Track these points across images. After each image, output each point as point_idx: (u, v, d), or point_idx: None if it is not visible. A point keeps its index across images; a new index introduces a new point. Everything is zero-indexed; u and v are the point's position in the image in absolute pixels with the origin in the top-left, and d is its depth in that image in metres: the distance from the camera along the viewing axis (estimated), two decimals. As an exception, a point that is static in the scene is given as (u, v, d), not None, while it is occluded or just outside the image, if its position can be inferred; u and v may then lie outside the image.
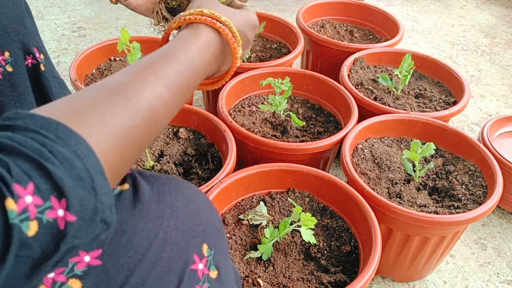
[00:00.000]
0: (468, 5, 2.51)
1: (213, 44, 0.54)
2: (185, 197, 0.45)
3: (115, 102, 0.38)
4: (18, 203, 0.29)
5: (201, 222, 0.45)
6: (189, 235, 0.44)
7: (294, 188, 0.99)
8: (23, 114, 0.32)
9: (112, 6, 2.19)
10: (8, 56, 0.75)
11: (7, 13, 0.74)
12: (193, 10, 0.55)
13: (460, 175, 1.05)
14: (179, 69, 0.47)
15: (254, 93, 1.27)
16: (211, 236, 0.46)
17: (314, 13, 1.65)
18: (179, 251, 0.42)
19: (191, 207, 0.45)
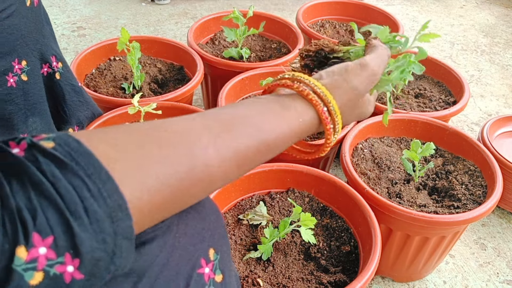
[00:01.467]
0: (468, 5, 2.51)
1: (305, 120, 0.47)
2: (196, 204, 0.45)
3: (172, 155, 0.36)
4: (30, 252, 0.28)
5: (208, 227, 0.46)
6: (197, 239, 0.44)
7: (294, 188, 0.99)
8: (82, 150, 0.31)
9: (112, 6, 2.19)
10: (25, 65, 0.75)
11: (26, 22, 0.74)
12: (307, 78, 0.48)
13: (460, 175, 1.05)
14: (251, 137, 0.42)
15: (254, 93, 1.27)
16: (217, 240, 0.47)
17: (314, 12, 1.65)
18: (187, 256, 0.43)
19: (200, 212, 0.45)
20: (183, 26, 2.07)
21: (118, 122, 1.06)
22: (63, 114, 0.90)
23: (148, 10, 2.19)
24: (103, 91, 1.19)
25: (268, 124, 0.43)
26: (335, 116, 0.48)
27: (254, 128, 0.42)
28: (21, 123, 0.74)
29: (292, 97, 0.47)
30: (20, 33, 0.72)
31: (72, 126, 0.93)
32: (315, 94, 0.47)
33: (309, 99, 0.47)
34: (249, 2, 2.34)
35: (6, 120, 0.72)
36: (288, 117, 0.45)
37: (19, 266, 0.28)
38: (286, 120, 0.45)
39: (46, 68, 0.83)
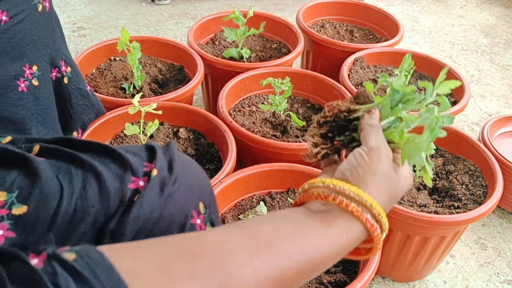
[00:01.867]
0: (468, 5, 2.51)
1: (349, 236, 0.43)
2: (183, 164, 0.50)
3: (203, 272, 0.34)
4: None
5: (197, 184, 0.50)
6: (188, 194, 0.48)
7: (294, 188, 0.99)
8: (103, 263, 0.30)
9: (112, 6, 2.20)
10: (36, 70, 0.75)
11: (37, 27, 0.74)
12: (340, 186, 0.44)
13: (460, 175, 1.05)
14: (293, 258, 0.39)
15: (254, 93, 1.27)
16: (205, 196, 0.51)
17: (314, 13, 1.65)
18: (180, 208, 0.46)
19: (188, 171, 0.50)
20: (184, 26, 2.07)
21: (118, 122, 1.06)
22: (68, 118, 0.90)
23: (149, 10, 2.19)
24: (104, 91, 1.19)
25: (311, 245, 0.40)
26: (380, 218, 0.44)
27: (296, 248, 0.39)
28: (33, 128, 0.74)
29: (331, 211, 0.44)
30: (31, 38, 0.72)
31: (76, 129, 0.94)
32: (354, 203, 0.43)
33: (350, 211, 0.43)
34: (249, 2, 2.34)
35: (19, 124, 0.72)
36: (331, 236, 0.42)
37: None
38: (329, 239, 0.42)
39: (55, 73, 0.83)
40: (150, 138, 1.08)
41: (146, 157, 0.49)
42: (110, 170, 0.45)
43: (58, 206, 0.41)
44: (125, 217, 0.43)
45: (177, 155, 0.50)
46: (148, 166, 0.47)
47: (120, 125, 1.06)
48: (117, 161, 0.46)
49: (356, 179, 0.45)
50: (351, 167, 0.46)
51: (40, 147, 0.46)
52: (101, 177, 0.43)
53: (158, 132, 1.10)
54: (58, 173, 0.43)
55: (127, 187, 0.45)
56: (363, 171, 0.45)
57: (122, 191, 0.44)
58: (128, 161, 0.46)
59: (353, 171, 0.46)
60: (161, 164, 0.47)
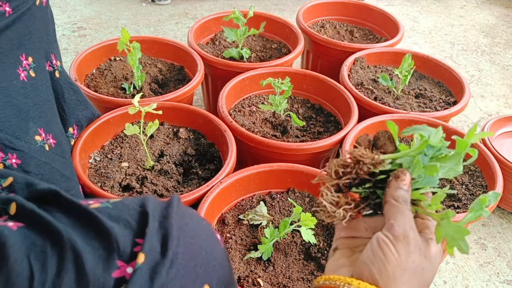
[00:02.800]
0: (468, 5, 2.51)
1: None
2: (187, 237, 0.42)
3: None
4: None
5: (202, 263, 0.42)
6: (189, 280, 0.41)
7: (294, 188, 0.99)
8: None
9: (113, 6, 2.20)
10: (32, 61, 0.75)
11: (34, 20, 0.75)
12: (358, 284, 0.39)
13: (460, 175, 1.05)
14: None
15: (254, 93, 1.27)
16: (212, 274, 0.43)
17: (314, 13, 1.65)
18: None
19: (192, 246, 0.42)
20: (184, 27, 2.07)
21: (118, 122, 1.06)
22: (62, 113, 0.90)
23: (149, 10, 2.19)
24: (104, 91, 1.20)
25: None
26: None
27: None
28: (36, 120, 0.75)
29: None
30: (28, 30, 0.73)
31: (71, 125, 0.93)
32: None
33: None
34: (249, 2, 2.34)
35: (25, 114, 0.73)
36: None
37: None
38: None
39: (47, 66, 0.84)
40: (150, 138, 1.08)
41: (138, 228, 0.41)
42: (93, 250, 0.38)
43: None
44: None
45: (177, 223, 0.42)
46: (140, 242, 0.40)
47: (120, 125, 1.07)
48: (101, 237, 0.39)
49: (385, 280, 0.39)
50: (378, 262, 0.40)
51: (17, 207, 0.41)
52: (80, 261, 0.37)
53: (158, 132, 1.10)
54: (30, 253, 0.37)
55: (110, 276, 0.37)
56: (391, 268, 0.39)
57: (104, 281, 0.37)
58: (116, 239, 0.39)
59: (382, 269, 0.39)
60: (151, 245, 0.40)
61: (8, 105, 0.68)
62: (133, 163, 1.01)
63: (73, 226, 0.40)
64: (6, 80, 0.69)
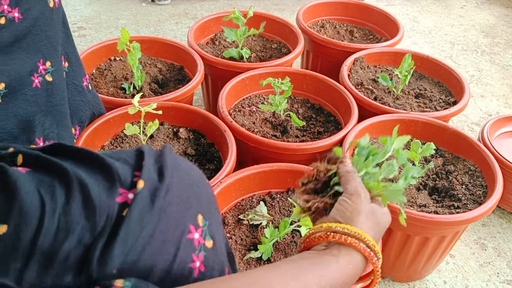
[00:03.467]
0: (468, 5, 2.51)
1: (354, 264, 0.50)
2: (180, 172, 0.47)
3: None
4: None
5: (195, 194, 0.48)
6: (184, 207, 0.46)
7: (294, 188, 0.99)
8: None
9: (113, 6, 2.20)
10: (50, 65, 0.75)
11: (51, 23, 0.74)
12: (335, 226, 0.52)
13: (460, 175, 1.05)
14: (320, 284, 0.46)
15: (254, 93, 1.27)
16: (205, 207, 0.49)
17: (314, 13, 1.65)
18: (175, 223, 0.44)
19: (185, 180, 0.47)
20: (184, 26, 2.07)
21: (118, 122, 1.06)
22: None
23: (149, 11, 2.19)
24: (104, 91, 1.20)
25: (329, 272, 0.48)
26: (373, 247, 0.51)
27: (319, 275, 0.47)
28: (39, 125, 0.74)
29: (334, 247, 0.51)
30: (45, 34, 0.72)
31: (74, 126, 0.93)
32: (351, 237, 0.51)
33: (349, 244, 0.50)
34: (249, 2, 2.34)
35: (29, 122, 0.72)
36: (341, 265, 0.49)
37: None
38: (340, 268, 0.49)
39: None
40: (150, 138, 1.08)
41: (136, 163, 0.46)
42: (97, 181, 0.43)
43: (40, 224, 0.39)
44: (112, 237, 0.41)
45: (171, 161, 0.48)
46: (138, 174, 0.45)
47: (120, 125, 1.07)
48: (104, 172, 0.44)
49: (346, 219, 0.53)
50: (339, 211, 0.54)
51: (24, 157, 0.44)
52: (86, 189, 0.41)
53: (158, 132, 1.10)
54: (40, 187, 0.41)
55: (114, 201, 0.42)
56: (349, 212, 0.53)
57: (109, 205, 0.42)
58: (117, 172, 0.44)
59: (342, 214, 0.53)
60: (149, 174, 0.45)
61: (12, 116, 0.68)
62: (133, 163, 1.01)
63: (77, 165, 0.44)
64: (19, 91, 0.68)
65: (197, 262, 0.46)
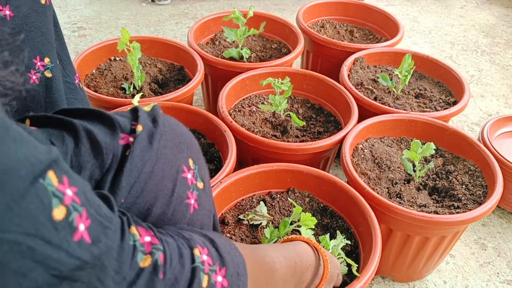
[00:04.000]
0: (468, 5, 2.51)
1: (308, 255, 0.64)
2: (170, 124, 0.53)
3: None
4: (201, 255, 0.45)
5: (185, 141, 0.53)
6: (177, 150, 0.51)
7: (294, 188, 0.99)
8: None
9: (113, 6, 2.20)
10: (48, 62, 0.75)
11: (44, 20, 0.74)
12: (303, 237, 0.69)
13: (460, 175, 1.05)
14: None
15: (254, 93, 1.27)
16: (194, 153, 0.54)
17: (314, 13, 1.65)
18: (170, 163, 0.49)
19: (175, 130, 0.53)
20: (184, 27, 2.07)
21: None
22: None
23: (149, 11, 2.19)
24: (104, 91, 1.20)
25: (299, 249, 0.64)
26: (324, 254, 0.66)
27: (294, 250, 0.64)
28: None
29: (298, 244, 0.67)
30: (40, 31, 0.72)
31: None
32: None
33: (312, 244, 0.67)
34: (249, 2, 2.34)
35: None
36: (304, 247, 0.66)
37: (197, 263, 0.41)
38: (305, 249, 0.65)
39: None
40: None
41: (132, 116, 0.52)
42: (100, 129, 0.48)
43: None
44: (119, 171, 0.46)
45: (161, 114, 0.53)
46: (136, 124, 0.51)
47: (120, 125, 1.06)
48: (106, 122, 0.49)
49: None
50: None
51: (30, 120, 0.48)
52: (92, 135, 0.46)
53: (158, 132, 1.10)
54: (51, 137, 0.45)
55: (118, 143, 0.47)
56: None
57: (114, 146, 0.47)
58: (117, 121, 0.49)
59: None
60: (145, 121, 0.50)
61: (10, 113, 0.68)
62: (133, 163, 1.01)
63: (81, 119, 0.49)
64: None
65: (191, 199, 0.51)
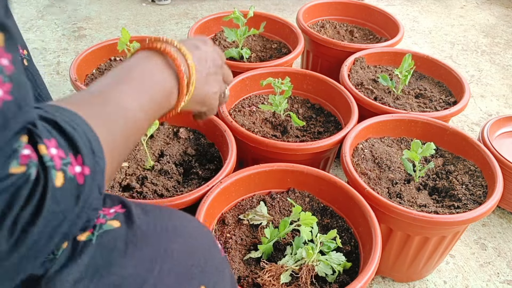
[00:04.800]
0: (468, 5, 2.51)
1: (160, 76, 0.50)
2: (183, 235, 0.42)
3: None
4: (48, 151, 0.31)
5: (198, 263, 0.42)
6: (184, 278, 0.40)
7: (294, 188, 0.99)
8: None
9: (113, 6, 2.19)
10: (26, 54, 0.76)
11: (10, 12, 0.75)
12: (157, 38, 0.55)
13: (460, 175, 1.05)
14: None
15: (254, 93, 1.27)
16: (209, 276, 0.43)
17: (314, 13, 1.65)
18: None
19: (189, 245, 0.42)
20: (184, 27, 2.07)
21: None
22: (39, 99, 0.91)
23: (149, 11, 2.19)
24: (104, 91, 1.19)
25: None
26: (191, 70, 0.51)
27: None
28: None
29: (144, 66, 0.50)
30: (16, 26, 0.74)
31: None
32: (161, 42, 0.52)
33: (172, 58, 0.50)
34: (249, 2, 2.34)
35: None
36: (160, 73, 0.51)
37: (48, 162, 0.31)
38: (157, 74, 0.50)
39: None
40: (150, 138, 1.08)
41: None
42: None
43: None
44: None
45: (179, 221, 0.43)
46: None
47: (120, 125, 1.06)
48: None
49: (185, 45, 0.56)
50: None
51: None
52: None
53: (158, 132, 1.10)
54: None
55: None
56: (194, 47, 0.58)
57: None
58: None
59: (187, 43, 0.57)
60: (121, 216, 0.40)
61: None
62: (133, 163, 1.01)
63: None
64: None
65: None
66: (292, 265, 0.80)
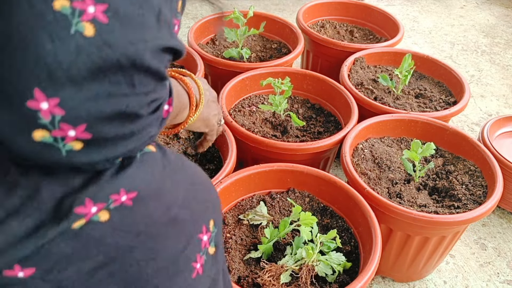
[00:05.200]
0: (468, 5, 2.51)
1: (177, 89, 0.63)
2: (201, 177, 0.50)
3: None
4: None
5: (211, 200, 0.50)
6: (202, 207, 0.48)
7: (294, 188, 0.99)
8: None
9: (112, 6, 2.19)
10: None
11: None
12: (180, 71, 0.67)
13: (460, 175, 1.05)
14: None
15: (254, 93, 1.27)
16: (217, 214, 0.50)
17: (314, 13, 1.65)
18: (193, 217, 0.46)
19: (205, 186, 0.50)
20: (184, 27, 2.07)
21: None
22: None
23: (149, 11, 2.19)
24: (104, 91, 1.19)
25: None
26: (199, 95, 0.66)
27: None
28: None
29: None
30: None
31: None
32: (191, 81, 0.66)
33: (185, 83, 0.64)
34: (249, 2, 2.34)
35: None
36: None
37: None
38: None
39: None
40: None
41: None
42: None
43: None
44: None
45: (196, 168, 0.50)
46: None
47: (120, 125, 1.06)
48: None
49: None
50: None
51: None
52: None
53: (158, 132, 1.10)
54: None
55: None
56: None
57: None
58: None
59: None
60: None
61: None
62: (133, 163, 1.01)
63: None
64: None
65: (198, 263, 0.47)
66: (292, 265, 0.80)
